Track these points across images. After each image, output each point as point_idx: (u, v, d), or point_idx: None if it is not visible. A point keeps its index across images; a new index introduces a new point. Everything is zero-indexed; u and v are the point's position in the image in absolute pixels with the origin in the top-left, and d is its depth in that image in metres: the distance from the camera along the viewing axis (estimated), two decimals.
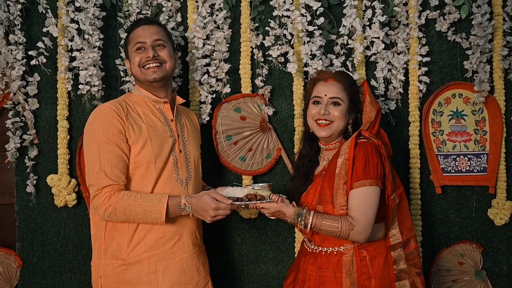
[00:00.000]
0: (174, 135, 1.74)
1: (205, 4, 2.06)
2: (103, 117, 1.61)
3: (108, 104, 1.66)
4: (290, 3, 2.03)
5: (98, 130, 1.60)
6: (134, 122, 1.65)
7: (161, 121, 1.73)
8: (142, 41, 1.70)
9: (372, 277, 1.60)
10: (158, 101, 1.74)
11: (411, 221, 1.72)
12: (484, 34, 2.02)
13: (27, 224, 2.11)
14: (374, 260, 1.62)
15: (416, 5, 2.07)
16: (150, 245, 1.63)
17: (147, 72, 1.70)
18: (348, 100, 1.71)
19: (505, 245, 2.17)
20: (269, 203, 1.60)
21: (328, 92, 1.71)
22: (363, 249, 1.63)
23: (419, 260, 1.71)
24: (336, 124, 1.69)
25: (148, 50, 1.69)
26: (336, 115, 1.69)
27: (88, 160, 1.61)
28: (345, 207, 1.60)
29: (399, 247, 1.66)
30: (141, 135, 1.64)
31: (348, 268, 1.61)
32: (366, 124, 1.73)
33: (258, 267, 2.17)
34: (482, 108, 2.16)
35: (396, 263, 1.64)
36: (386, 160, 1.65)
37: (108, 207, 1.56)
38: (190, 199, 1.58)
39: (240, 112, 2.12)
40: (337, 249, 1.65)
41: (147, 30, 1.71)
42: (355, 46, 2.01)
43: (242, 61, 2.11)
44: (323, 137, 1.72)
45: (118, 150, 1.60)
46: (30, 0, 2.06)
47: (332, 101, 1.70)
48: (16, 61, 2.01)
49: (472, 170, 2.16)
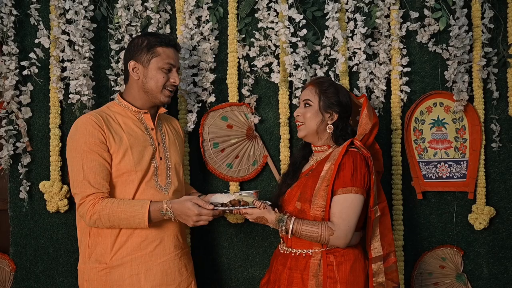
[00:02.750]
0: (154, 143, 1.78)
1: (192, 16, 2.12)
2: (84, 128, 1.65)
3: (89, 115, 1.70)
4: (274, 16, 2.10)
5: (80, 141, 1.64)
6: (114, 132, 1.69)
7: (142, 130, 1.77)
8: (173, 64, 1.77)
9: (338, 281, 1.64)
10: (138, 111, 1.78)
11: (391, 236, 1.75)
12: (462, 45, 2.08)
13: (21, 229, 2.16)
14: (340, 265, 1.66)
15: (397, 17, 2.13)
16: (132, 248, 1.68)
17: (165, 93, 1.77)
18: (318, 101, 1.77)
19: (485, 249, 2.23)
20: (252, 209, 1.66)
21: (303, 95, 1.83)
22: (331, 254, 1.67)
23: (396, 275, 1.74)
24: (307, 124, 1.78)
25: (175, 75, 1.77)
26: (306, 116, 1.78)
27: (72, 169, 1.66)
28: (320, 209, 1.65)
29: (379, 260, 1.70)
30: (121, 145, 1.69)
31: (315, 270, 1.66)
32: (360, 135, 1.78)
33: (245, 271, 2.23)
34: (462, 117, 2.22)
35: (375, 276, 1.68)
36: (372, 172, 1.70)
37: (93, 214, 1.61)
38: (172, 204, 1.63)
39: (227, 121, 2.18)
40: (306, 252, 1.70)
41: (176, 55, 1.80)
42: (337, 57, 2.08)
43: (229, 71, 2.17)
44: (300, 137, 1.83)
45: (100, 159, 1.65)
46: (23, 12, 2.12)
47: (304, 103, 1.81)
48: (9, 71, 2.07)
49: (452, 177, 2.22)
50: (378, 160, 1.88)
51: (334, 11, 2.05)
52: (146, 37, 1.77)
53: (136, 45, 1.76)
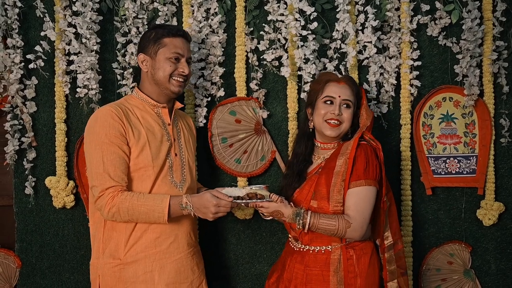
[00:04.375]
0: (170, 139, 1.77)
1: (201, 8, 2.08)
2: (105, 120, 1.64)
3: (108, 107, 1.68)
4: (284, 8, 2.07)
5: (100, 133, 1.62)
6: (133, 126, 1.68)
7: (159, 124, 1.76)
8: (181, 53, 1.74)
9: (358, 275, 1.65)
10: (156, 105, 1.77)
11: (398, 225, 1.78)
12: (474, 38, 2.06)
13: (26, 225, 2.14)
14: (360, 259, 1.67)
15: (407, 10, 2.10)
16: (146, 245, 1.67)
17: (174, 83, 1.74)
18: (355, 104, 1.78)
19: (493, 245, 2.22)
20: (268, 202, 1.65)
21: (342, 94, 1.76)
22: (350, 248, 1.68)
23: (404, 261, 1.77)
24: (345, 126, 1.76)
25: (183, 65, 1.75)
26: (346, 117, 1.76)
27: (91, 161, 1.63)
28: (340, 204, 1.65)
29: (391, 248, 1.73)
30: (140, 139, 1.68)
31: (335, 266, 1.66)
32: (363, 128, 1.78)
33: (252, 267, 2.21)
34: (472, 112, 2.20)
35: (388, 264, 1.70)
36: (383, 163, 1.71)
37: (112, 207, 1.59)
38: (191, 198, 1.62)
39: (235, 115, 2.16)
40: (325, 248, 1.69)
41: (185, 45, 1.77)
42: (348, 50, 2.05)
43: (237, 65, 2.14)
44: (331, 136, 1.77)
45: (120, 152, 1.63)
46: (28, 4, 2.08)
47: (345, 103, 1.76)
48: (14, 64, 2.03)
49: (461, 172, 2.21)
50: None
51: (345, 4, 2.02)
52: (155, 29, 1.77)
53: (145, 38, 1.76)
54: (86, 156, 1.68)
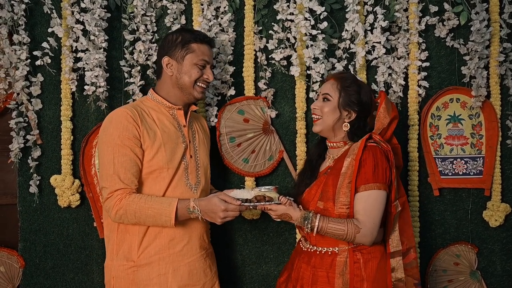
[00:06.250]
0: (186, 141, 1.76)
1: (210, 7, 2.07)
2: (119, 121, 1.63)
3: (124, 108, 1.68)
4: (293, 7, 2.06)
5: (114, 134, 1.61)
6: (149, 128, 1.67)
7: (175, 126, 1.75)
8: (208, 60, 1.76)
9: (364, 279, 1.61)
10: (172, 107, 1.76)
11: (411, 232, 1.72)
12: (482, 40, 2.07)
13: (30, 225, 2.10)
14: (367, 263, 1.63)
15: (416, 11, 2.11)
16: (160, 247, 1.65)
17: (197, 89, 1.76)
18: (338, 97, 1.72)
19: (499, 246, 2.22)
20: (277, 205, 1.62)
21: (323, 89, 1.78)
22: (358, 251, 1.64)
23: (417, 271, 1.71)
24: (324, 119, 1.74)
25: (209, 71, 1.76)
26: (324, 111, 1.73)
27: (103, 162, 1.62)
28: (345, 206, 1.62)
29: (398, 255, 1.66)
30: (155, 141, 1.67)
31: (341, 269, 1.63)
32: (378, 130, 1.75)
33: (259, 268, 2.19)
34: (478, 113, 2.21)
35: (394, 271, 1.64)
36: (393, 166, 1.67)
37: (119, 209, 1.57)
38: (199, 202, 1.60)
39: (244, 114, 2.14)
40: (332, 250, 1.66)
41: (211, 52, 1.80)
42: (357, 51, 2.05)
43: (246, 64, 2.13)
44: (315, 132, 1.79)
45: (132, 155, 1.62)
46: (34, 0, 2.06)
47: (323, 97, 1.76)
48: (19, 61, 2.00)
49: (468, 173, 2.21)
50: (397, 155, 1.85)
51: (354, 4, 2.02)
52: (181, 33, 1.76)
53: (170, 41, 1.75)
54: (99, 157, 1.67)
